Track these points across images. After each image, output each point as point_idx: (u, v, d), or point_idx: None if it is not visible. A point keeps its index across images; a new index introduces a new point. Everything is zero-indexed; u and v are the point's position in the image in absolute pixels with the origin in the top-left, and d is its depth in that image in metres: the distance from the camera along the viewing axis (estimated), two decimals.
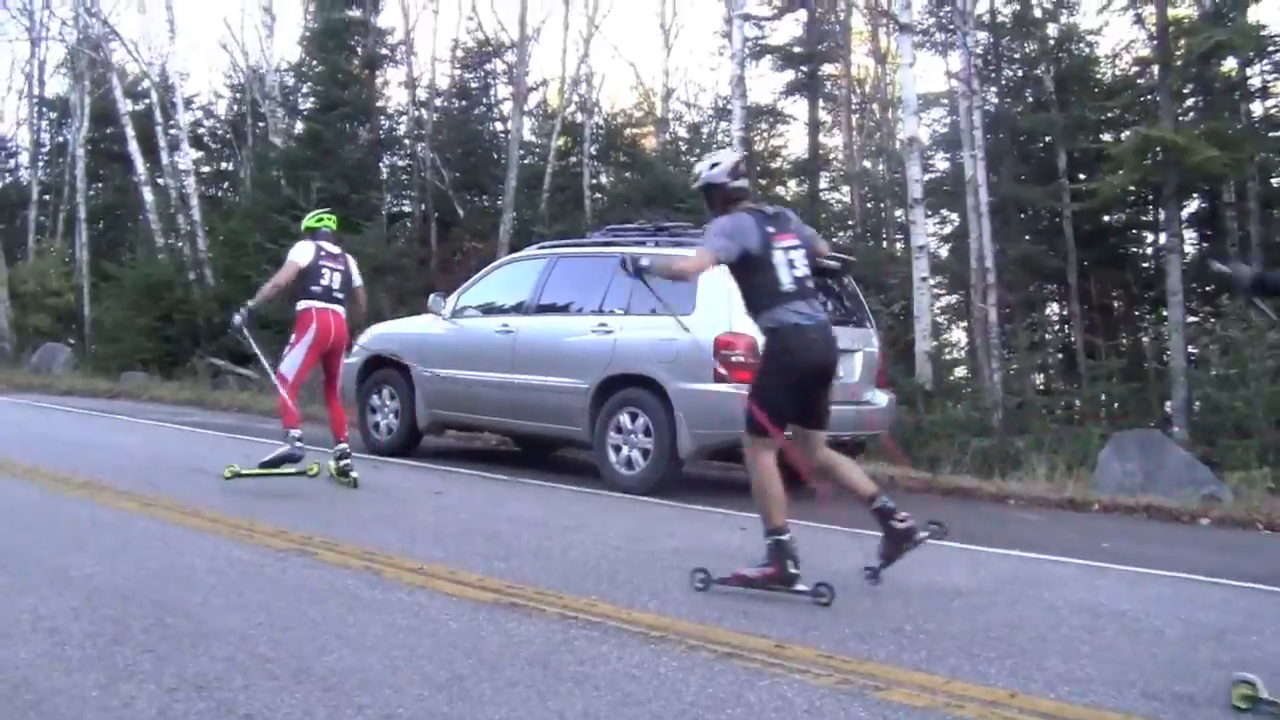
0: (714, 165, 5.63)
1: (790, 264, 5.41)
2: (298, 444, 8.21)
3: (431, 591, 5.06)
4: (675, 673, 3.99)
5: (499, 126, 24.50)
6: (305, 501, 7.60)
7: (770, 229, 5.41)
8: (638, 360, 8.93)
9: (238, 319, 8.58)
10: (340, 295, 8.63)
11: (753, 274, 5.42)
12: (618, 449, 9.03)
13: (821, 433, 5.57)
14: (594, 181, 23.24)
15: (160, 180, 24.69)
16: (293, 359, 8.50)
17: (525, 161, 22.32)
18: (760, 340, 8.47)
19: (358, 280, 8.92)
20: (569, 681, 3.84)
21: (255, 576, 5.23)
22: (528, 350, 9.68)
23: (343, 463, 8.47)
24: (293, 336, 8.56)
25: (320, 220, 8.90)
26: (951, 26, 18.16)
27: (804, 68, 21.65)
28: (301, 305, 8.51)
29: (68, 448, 10.24)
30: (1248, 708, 3.76)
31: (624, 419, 8.99)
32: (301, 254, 8.54)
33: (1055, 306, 21.44)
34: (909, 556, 5.49)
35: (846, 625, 4.79)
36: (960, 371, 18.75)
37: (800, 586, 5.18)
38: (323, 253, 8.62)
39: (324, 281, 8.54)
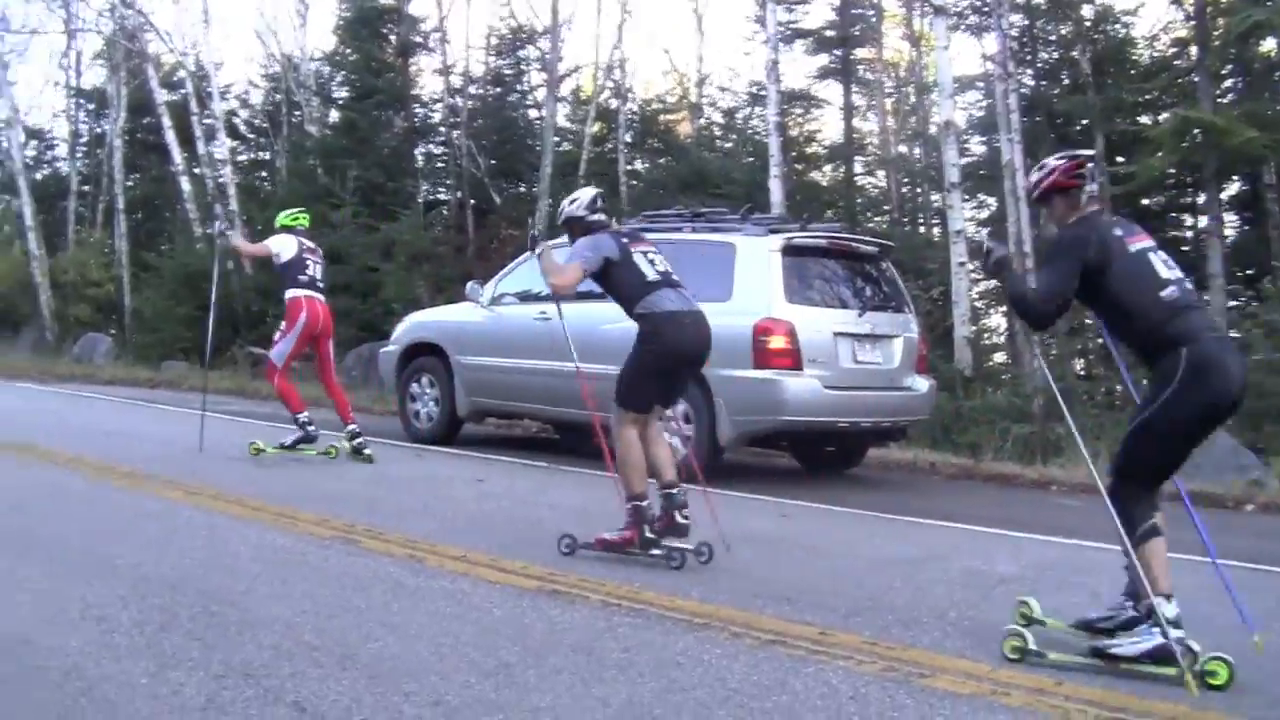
0: (573, 201, 6.13)
1: (651, 261, 5.88)
2: (309, 426, 8.87)
3: (475, 579, 5.08)
4: (719, 660, 3.99)
5: (533, 113, 24.48)
6: (346, 490, 7.65)
7: (625, 240, 5.93)
8: None
9: (219, 225, 10.16)
10: (322, 285, 9.22)
11: (619, 274, 5.83)
12: None
13: (666, 409, 6.14)
14: (629, 168, 23.16)
15: (197, 170, 24.84)
16: (283, 346, 9.07)
17: (560, 148, 22.29)
18: (798, 325, 8.54)
19: None
20: (613, 669, 3.85)
21: (299, 565, 5.28)
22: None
23: (355, 442, 8.98)
24: (283, 324, 9.09)
25: (295, 219, 9.50)
26: (986, 9, 17.93)
27: (837, 52, 21.47)
28: (290, 294, 9.06)
29: (111, 437, 10.36)
30: (1017, 658, 4.09)
31: None
32: (284, 246, 9.14)
33: None
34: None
35: (890, 612, 4.78)
36: (1000, 357, 18.59)
37: (655, 551, 5.59)
38: (305, 246, 9.20)
39: (309, 272, 9.13)
